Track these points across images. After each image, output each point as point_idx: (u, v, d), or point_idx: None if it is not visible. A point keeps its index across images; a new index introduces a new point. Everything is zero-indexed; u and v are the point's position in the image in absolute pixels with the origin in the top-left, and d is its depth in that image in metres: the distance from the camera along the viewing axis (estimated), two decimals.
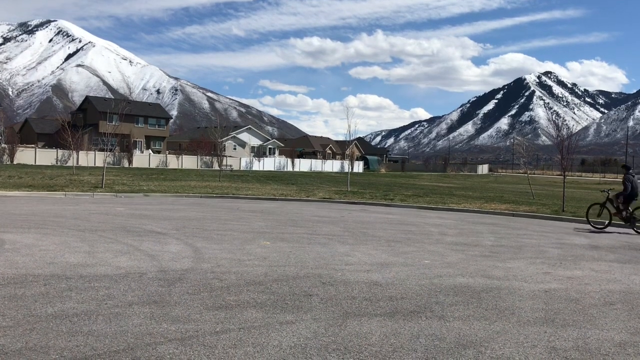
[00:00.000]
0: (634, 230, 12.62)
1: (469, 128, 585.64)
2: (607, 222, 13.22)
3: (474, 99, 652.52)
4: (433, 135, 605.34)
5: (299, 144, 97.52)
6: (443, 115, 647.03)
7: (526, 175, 32.18)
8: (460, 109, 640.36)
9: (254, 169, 62.73)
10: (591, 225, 13.53)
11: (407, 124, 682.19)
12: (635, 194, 12.97)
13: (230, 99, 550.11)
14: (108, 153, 26.74)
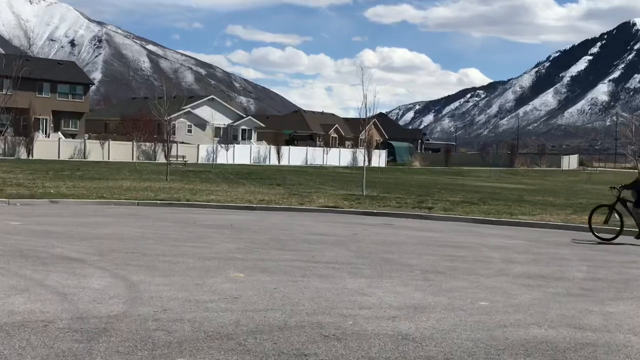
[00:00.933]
0: None
1: (548, 99, 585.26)
2: (618, 230, 14.47)
3: (556, 55, 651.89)
4: (493, 110, 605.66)
5: (289, 124, 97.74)
6: (509, 80, 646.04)
7: (637, 171, 32.30)
8: (536, 70, 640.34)
9: (219, 161, 62.87)
10: (594, 234, 14.84)
11: (453, 93, 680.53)
12: None
13: (183, 54, 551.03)
14: None
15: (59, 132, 69.22)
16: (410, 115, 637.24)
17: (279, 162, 70.79)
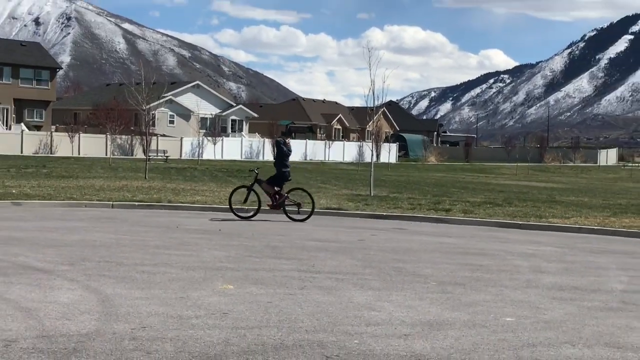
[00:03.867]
0: (287, 216, 17.68)
1: (583, 85, 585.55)
2: (255, 208, 17.85)
3: (591, 35, 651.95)
4: (520, 97, 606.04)
5: (285, 114, 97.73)
6: (538, 63, 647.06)
7: None
8: (569, 51, 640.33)
9: (206, 156, 62.93)
10: (235, 214, 17.80)
11: (474, 78, 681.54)
12: (287, 176, 18.11)
13: (164, 34, 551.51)
14: None
15: (22, 124, 69.06)
16: (424, 103, 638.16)
17: (274, 157, 70.70)
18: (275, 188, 17.81)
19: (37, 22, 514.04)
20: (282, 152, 18.32)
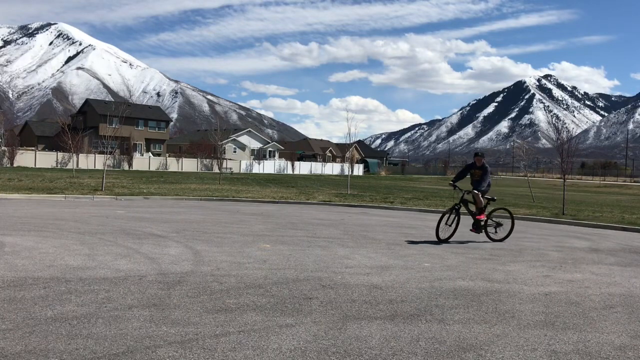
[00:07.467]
0: None
1: (469, 131, 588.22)
2: None
3: (473, 102, 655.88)
4: (433, 138, 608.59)
5: (299, 147, 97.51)
6: (443, 119, 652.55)
7: (526, 178, 32.23)
8: (460, 112, 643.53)
9: (254, 171, 62.81)
10: None
11: (407, 127, 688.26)
12: None
13: (230, 101, 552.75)
14: (108, 156, 26.70)
15: (149, 152, 69.21)
16: (378, 141, 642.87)
17: (293, 172, 70.62)
18: None
19: (158, 94, 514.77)
20: None
